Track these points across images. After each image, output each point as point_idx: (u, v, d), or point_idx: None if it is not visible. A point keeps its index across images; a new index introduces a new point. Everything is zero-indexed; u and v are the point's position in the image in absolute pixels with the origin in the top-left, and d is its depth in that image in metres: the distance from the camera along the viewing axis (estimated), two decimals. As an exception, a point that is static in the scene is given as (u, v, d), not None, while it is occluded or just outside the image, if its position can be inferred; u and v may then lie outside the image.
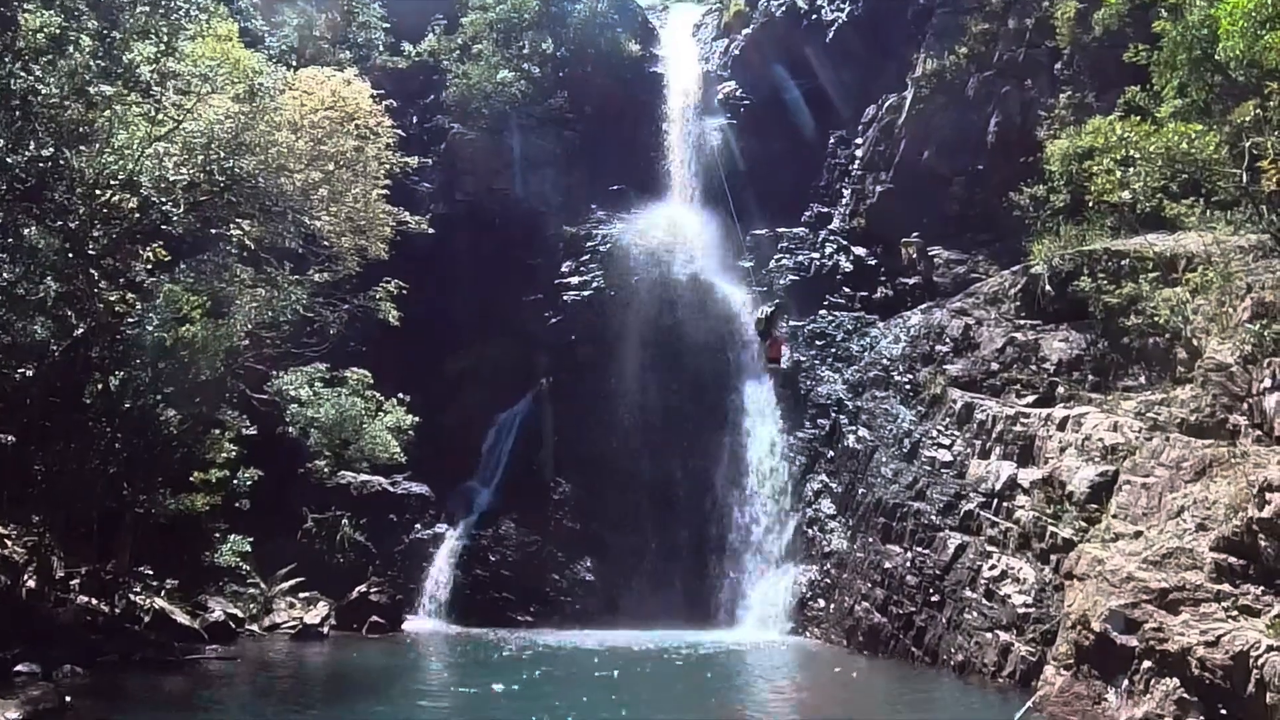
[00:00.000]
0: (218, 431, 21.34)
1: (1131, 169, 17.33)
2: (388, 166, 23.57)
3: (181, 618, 20.53)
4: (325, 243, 22.38)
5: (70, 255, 17.23)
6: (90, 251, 17.90)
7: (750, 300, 29.67)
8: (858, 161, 30.93)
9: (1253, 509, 13.19)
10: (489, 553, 26.08)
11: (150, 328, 18.95)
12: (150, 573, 21.16)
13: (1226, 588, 13.06)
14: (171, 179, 18.11)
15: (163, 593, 20.98)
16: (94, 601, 19.50)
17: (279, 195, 20.48)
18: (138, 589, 20.51)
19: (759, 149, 32.72)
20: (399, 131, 25.44)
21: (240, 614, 22.35)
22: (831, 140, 32.50)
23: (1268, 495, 13.10)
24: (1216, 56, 16.65)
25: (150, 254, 19.60)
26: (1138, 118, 18.10)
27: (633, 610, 24.76)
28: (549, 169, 33.32)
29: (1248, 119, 16.29)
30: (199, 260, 20.72)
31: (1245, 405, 15.62)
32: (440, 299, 29.04)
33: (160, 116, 18.27)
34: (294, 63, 28.67)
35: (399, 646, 22.07)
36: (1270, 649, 11.76)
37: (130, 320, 19.10)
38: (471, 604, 25.21)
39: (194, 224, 19.30)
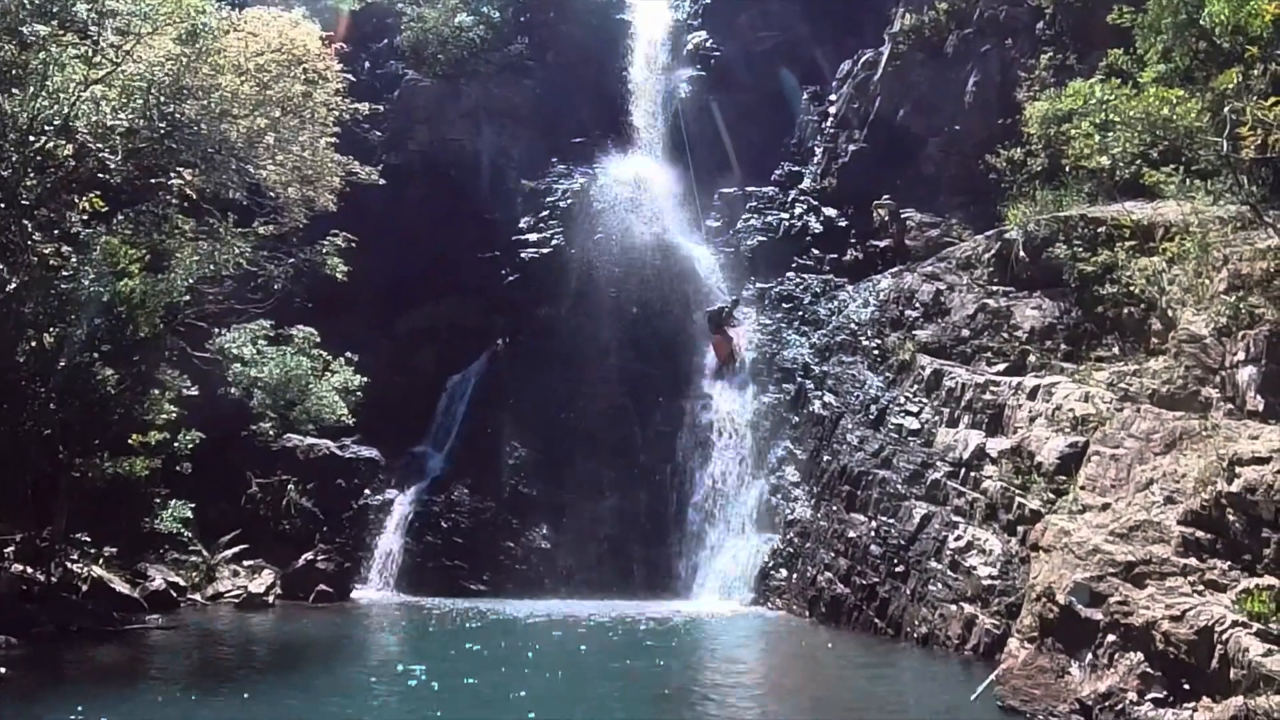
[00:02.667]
0: (157, 392, 20.52)
1: (1111, 134, 16.90)
2: (337, 113, 22.59)
3: (120, 586, 19.97)
4: (271, 193, 21.52)
5: (2, 205, 16.58)
6: (23, 201, 17.26)
7: (716, 263, 29.14)
8: (831, 119, 30.23)
9: (1222, 483, 13.08)
10: (441, 519, 25.36)
11: (86, 282, 18.21)
12: (88, 539, 20.52)
13: (1193, 562, 12.96)
14: (109, 124, 17.44)
15: (101, 560, 20.36)
16: (29, 570, 18.94)
17: (222, 142, 19.64)
18: (75, 556, 19.90)
19: (729, 103, 31.88)
20: (349, 77, 24.38)
21: (182, 582, 21.77)
22: (805, 96, 31.74)
23: (1237, 469, 12.99)
24: (1202, 21, 16.27)
25: (87, 204, 18.80)
26: (1119, 81, 17.63)
27: (590, 579, 24.25)
28: (508, 119, 32.36)
29: (1230, 86, 15.91)
30: (138, 211, 19.85)
31: (1218, 378, 15.53)
32: (391, 254, 27.98)
33: (98, 58, 17.47)
34: (239, 1, 27.42)
35: (347, 617, 21.58)
36: (1235, 624, 11.63)
37: (65, 274, 18.35)
38: (423, 573, 24.55)
39: (132, 173, 18.64)
